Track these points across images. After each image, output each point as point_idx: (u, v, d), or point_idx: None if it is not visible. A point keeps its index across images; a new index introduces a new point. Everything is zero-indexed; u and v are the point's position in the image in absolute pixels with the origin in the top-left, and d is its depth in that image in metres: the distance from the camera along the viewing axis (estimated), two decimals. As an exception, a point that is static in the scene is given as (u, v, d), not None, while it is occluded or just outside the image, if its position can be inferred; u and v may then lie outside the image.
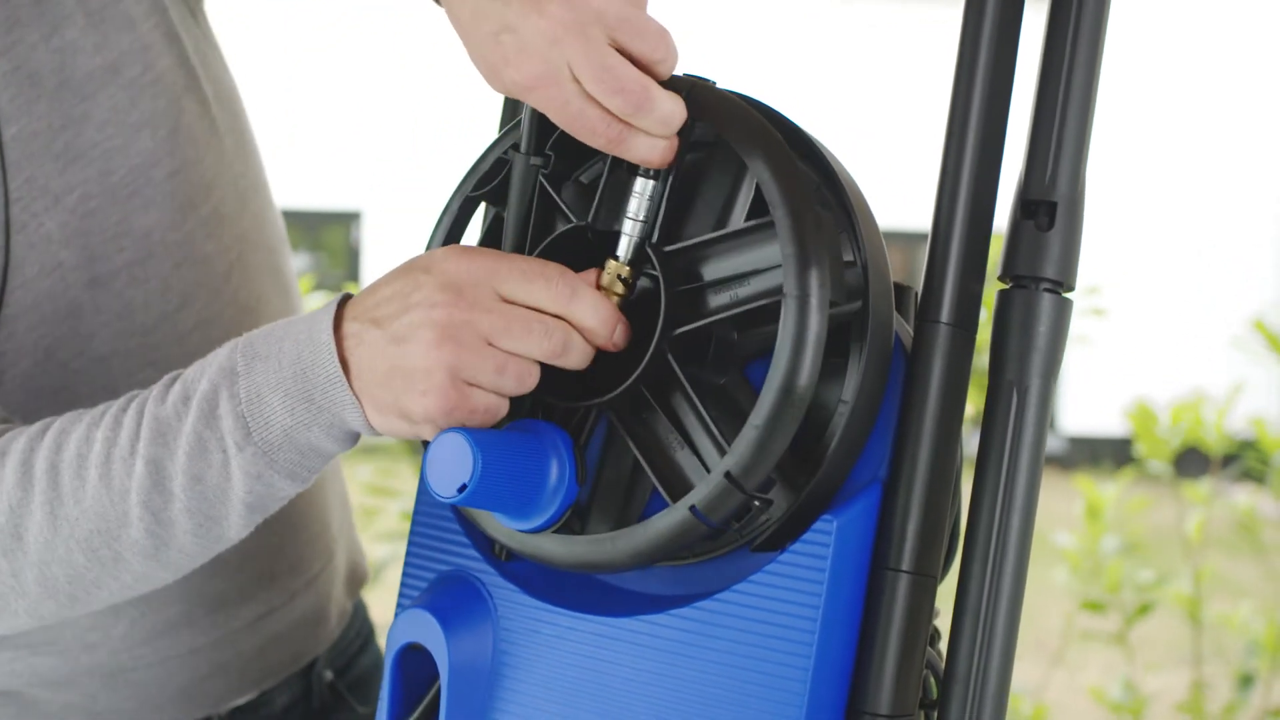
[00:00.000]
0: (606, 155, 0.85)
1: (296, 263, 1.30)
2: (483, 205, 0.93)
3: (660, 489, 0.81)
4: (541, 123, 0.85)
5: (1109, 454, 8.15)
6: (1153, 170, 8.74)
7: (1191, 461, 3.29)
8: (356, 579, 1.34)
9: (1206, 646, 3.28)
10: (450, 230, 0.91)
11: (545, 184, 0.87)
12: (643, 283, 0.84)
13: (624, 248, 0.83)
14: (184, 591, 1.13)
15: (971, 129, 0.82)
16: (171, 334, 1.11)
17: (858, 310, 0.80)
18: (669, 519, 0.79)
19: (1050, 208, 0.82)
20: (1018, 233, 0.83)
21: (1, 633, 0.98)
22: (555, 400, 0.84)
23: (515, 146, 0.87)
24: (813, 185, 0.83)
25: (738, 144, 0.80)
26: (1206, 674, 3.28)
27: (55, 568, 0.92)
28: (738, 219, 0.83)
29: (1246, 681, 3.08)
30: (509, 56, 0.80)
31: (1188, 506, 3.24)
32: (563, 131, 0.83)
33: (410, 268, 0.85)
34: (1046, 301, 0.82)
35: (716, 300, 0.81)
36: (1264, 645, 3.08)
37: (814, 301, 0.76)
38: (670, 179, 0.82)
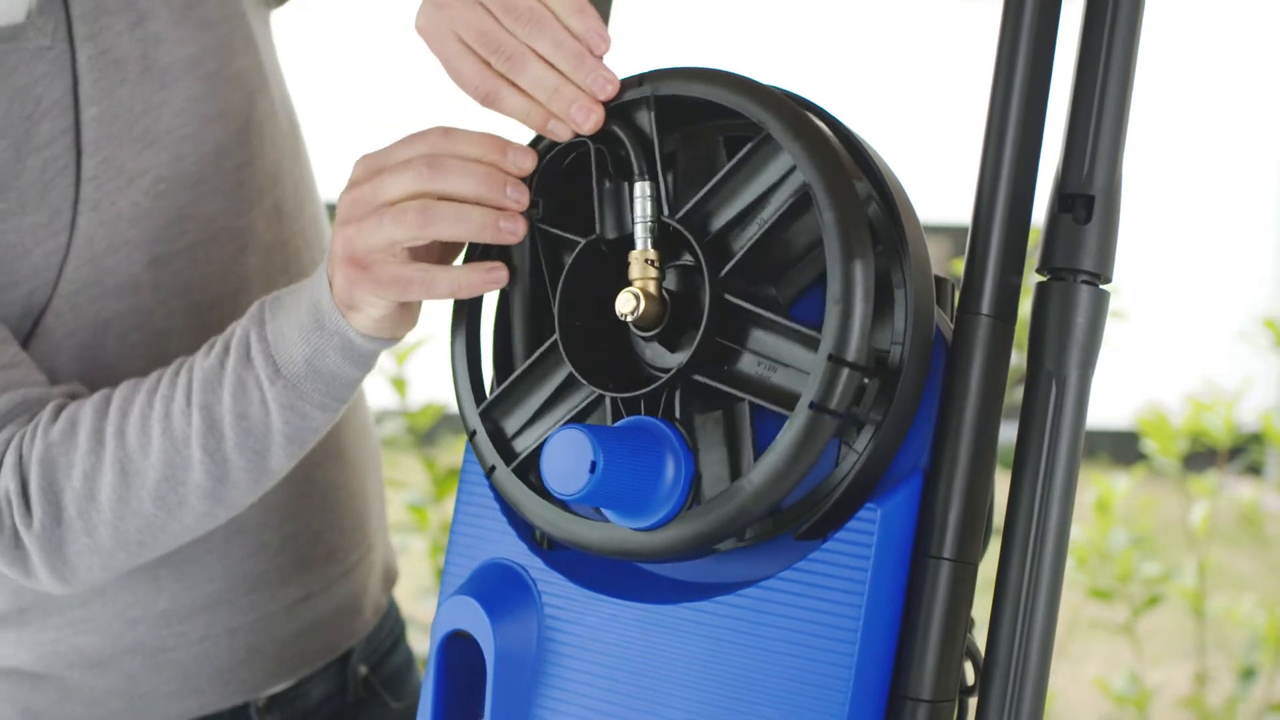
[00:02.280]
0: (589, 172, 0.88)
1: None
2: None
3: (777, 409, 0.81)
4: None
5: (1108, 446, 8.16)
6: (1157, 161, 8.75)
7: (1198, 455, 3.30)
8: (390, 577, 1.37)
9: (1209, 639, 3.29)
10: (470, 323, 0.93)
11: (543, 227, 0.90)
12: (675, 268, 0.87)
13: (640, 237, 0.85)
14: (223, 569, 1.15)
15: (1011, 123, 0.83)
16: (228, 314, 1.14)
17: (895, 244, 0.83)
18: (795, 426, 0.78)
19: (1088, 201, 0.83)
20: (1055, 226, 0.84)
21: (74, 591, 1.06)
22: (631, 392, 0.84)
23: None
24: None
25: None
26: (1209, 667, 3.29)
27: (128, 520, 1.00)
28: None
29: (1249, 675, 3.09)
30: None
31: (1193, 499, 3.25)
32: (541, 174, 0.89)
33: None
34: (1084, 294, 0.83)
35: (746, 232, 0.84)
36: (1266, 639, 3.09)
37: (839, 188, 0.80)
38: (659, 179, 0.86)
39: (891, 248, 0.83)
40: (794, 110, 0.83)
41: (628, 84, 0.87)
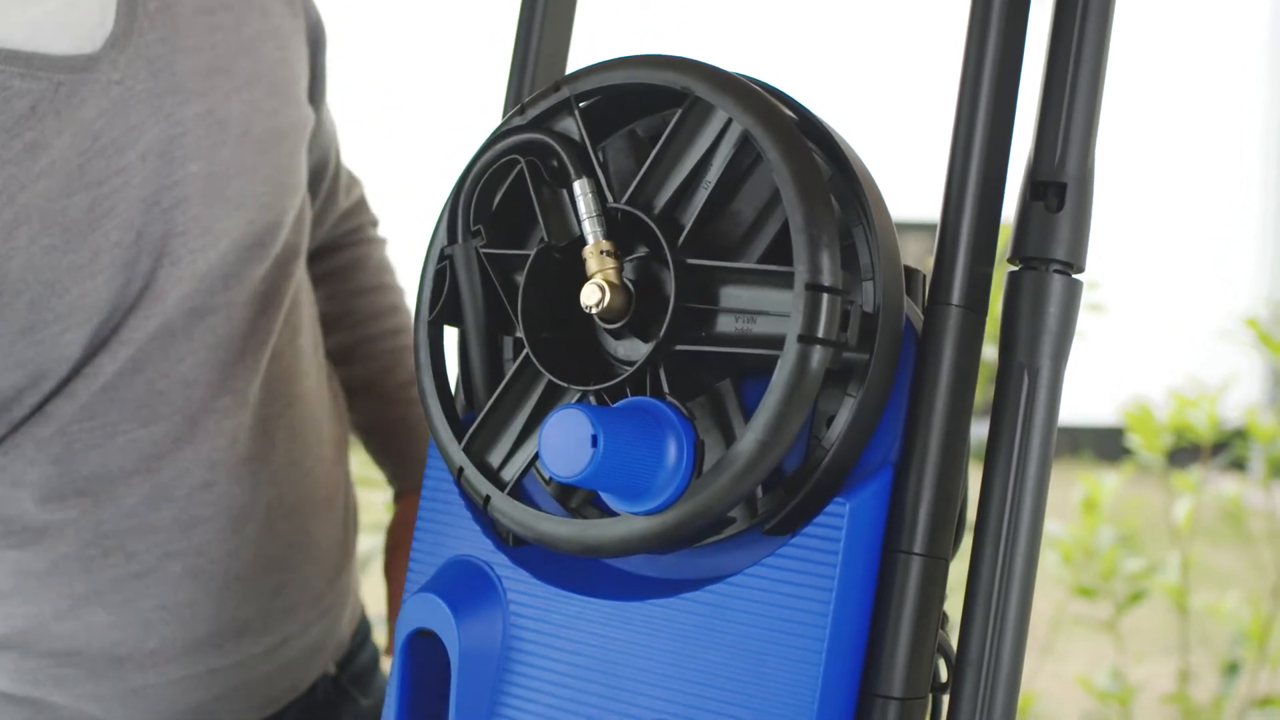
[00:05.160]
0: (521, 182, 0.87)
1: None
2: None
3: (765, 352, 0.79)
4: (463, 208, 0.88)
5: (1091, 442, 8.17)
6: (1141, 157, 8.77)
7: (1182, 450, 3.30)
8: (355, 612, 1.38)
9: (1193, 636, 3.29)
10: (433, 357, 0.91)
11: (490, 251, 0.88)
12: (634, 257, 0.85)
13: (590, 231, 0.83)
14: (216, 613, 1.15)
15: (981, 107, 0.81)
16: (253, 367, 1.15)
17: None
18: (787, 364, 0.76)
19: (1060, 189, 0.82)
20: (1027, 214, 0.82)
21: None
22: (613, 381, 0.82)
23: (443, 251, 0.89)
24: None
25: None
26: (1192, 663, 3.28)
27: None
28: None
29: (1232, 671, 3.09)
30: None
31: (1176, 495, 3.24)
32: (477, 200, 0.87)
33: None
34: (1057, 283, 0.81)
35: (695, 199, 0.82)
36: (1250, 635, 3.09)
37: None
38: (597, 173, 0.84)
39: (858, 228, 0.82)
40: (715, 69, 0.82)
41: (544, 93, 0.86)
